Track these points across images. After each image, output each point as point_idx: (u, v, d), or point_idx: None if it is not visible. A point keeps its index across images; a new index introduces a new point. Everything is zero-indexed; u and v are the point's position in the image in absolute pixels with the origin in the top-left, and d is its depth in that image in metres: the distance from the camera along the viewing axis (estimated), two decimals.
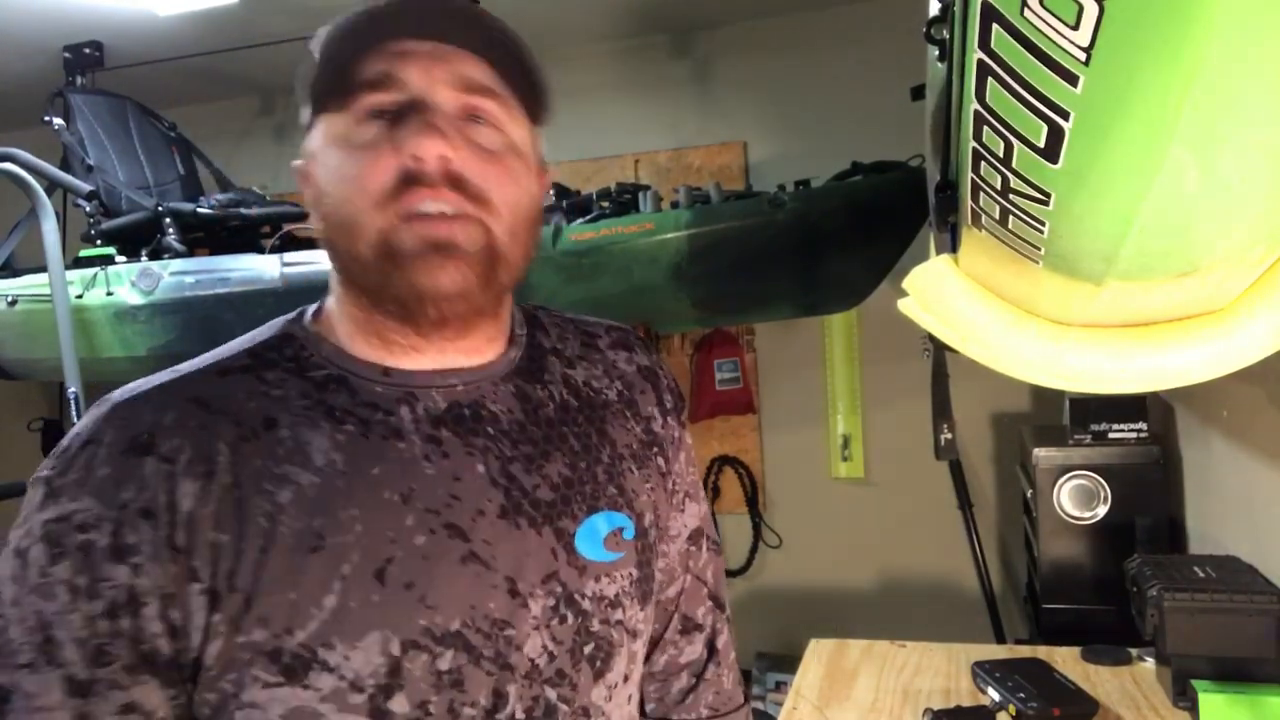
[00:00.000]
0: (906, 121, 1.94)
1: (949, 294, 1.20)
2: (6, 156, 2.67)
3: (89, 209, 2.81)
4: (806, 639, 1.81)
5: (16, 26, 2.85)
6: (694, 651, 0.91)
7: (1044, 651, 1.66)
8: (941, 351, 2.06)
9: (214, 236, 2.88)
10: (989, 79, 0.73)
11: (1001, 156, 0.80)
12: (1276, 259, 0.91)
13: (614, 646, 0.75)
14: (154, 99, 3.20)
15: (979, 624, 2.83)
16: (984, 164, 0.85)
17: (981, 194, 0.92)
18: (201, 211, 2.81)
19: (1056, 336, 1.07)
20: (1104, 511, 1.98)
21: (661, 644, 0.90)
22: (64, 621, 0.61)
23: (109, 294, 2.71)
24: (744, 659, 3.15)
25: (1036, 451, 2.03)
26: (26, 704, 0.61)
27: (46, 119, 2.88)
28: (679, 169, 3.34)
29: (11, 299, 2.82)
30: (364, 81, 0.67)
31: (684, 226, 2.42)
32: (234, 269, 2.67)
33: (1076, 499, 2.00)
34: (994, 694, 1.47)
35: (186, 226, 2.81)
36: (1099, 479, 1.98)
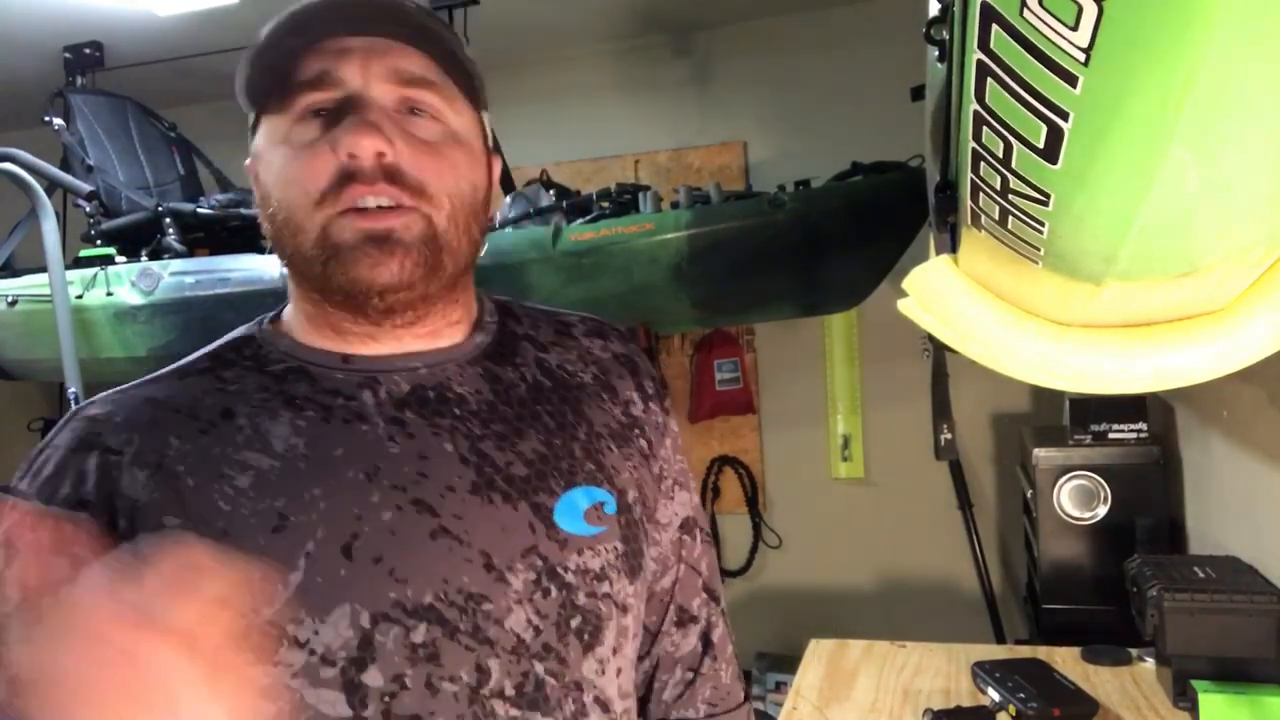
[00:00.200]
0: (906, 122, 1.94)
1: (949, 294, 1.20)
2: (6, 156, 2.67)
3: (89, 209, 2.80)
4: (806, 639, 1.81)
5: (16, 26, 2.85)
6: (689, 644, 0.90)
7: (1044, 651, 1.66)
8: (941, 351, 2.06)
9: (214, 236, 2.88)
10: (988, 79, 0.73)
11: (1001, 157, 0.80)
12: (1276, 259, 0.91)
13: (602, 619, 0.74)
14: (154, 99, 3.20)
15: (979, 624, 2.83)
16: (983, 164, 0.85)
17: (981, 194, 0.92)
18: (201, 211, 2.81)
19: (1056, 336, 1.07)
20: (1104, 512, 1.98)
21: (657, 637, 0.89)
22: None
23: (109, 294, 2.71)
24: (744, 659, 3.14)
25: (1036, 452, 2.03)
26: None
27: (46, 119, 2.88)
28: (679, 169, 3.34)
29: (11, 299, 2.82)
30: (302, 81, 0.68)
31: (684, 227, 2.42)
32: (234, 269, 2.67)
33: (1076, 499, 2.00)
34: (994, 694, 1.47)
35: (186, 227, 2.81)
36: (1099, 479, 1.98)
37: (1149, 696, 1.48)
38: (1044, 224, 0.84)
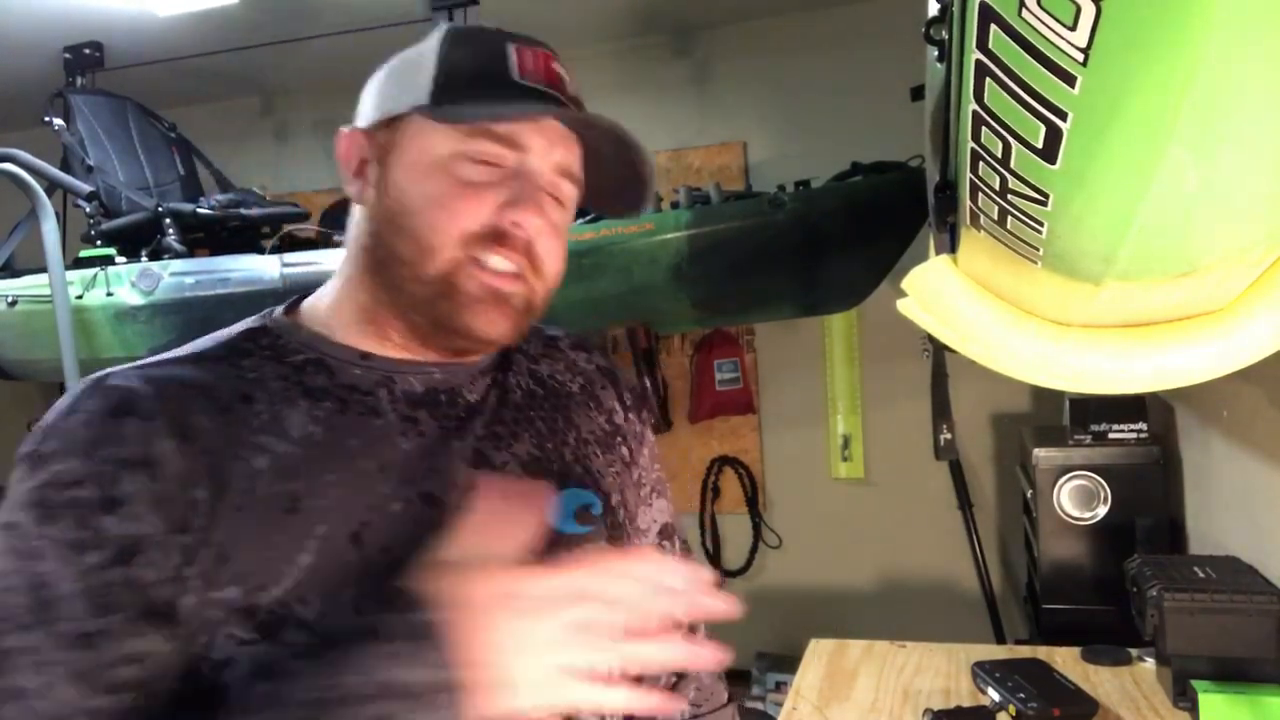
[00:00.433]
0: (906, 122, 1.94)
1: (948, 294, 1.20)
2: (6, 157, 2.67)
3: (89, 209, 2.81)
4: (806, 639, 1.80)
5: (16, 26, 2.85)
6: None
7: (1044, 651, 1.66)
8: (941, 352, 2.06)
9: (214, 237, 2.88)
10: (987, 79, 0.73)
11: (1000, 157, 0.80)
12: (1276, 259, 0.90)
13: None
14: (154, 99, 3.20)
15: (979, 624, 2.83)
16: (982, 164, 0.85)
17: (980, 194, 0.92)
18: (201, 212, 2.81)
19: (1056, 336, 1.07)
20: (1104, 512, 1.98)
21: None
22: (59, 577, 0.62)
23: (109, 294, 2.71)
24: (744, 659, 3.15)
25: (1036, 452, 2.03)
26: (28, 660, 0.61)
27: (46, 119, 2.88)
28: (679, 169, 3.34)
29: (11, 299, 2.82)
30: (493, 131, 0.73)
31: (684, 227, 2.42)
32: (234, 269, 2.67)
33: (1076, 499, 1.99)
34: (994, 694, 1.46)
35: (186, 227, 2.81)
36: (1099, 479, 1.98)
37: (1149, 696, 1.48)
38: (1043, 224, 0.84)
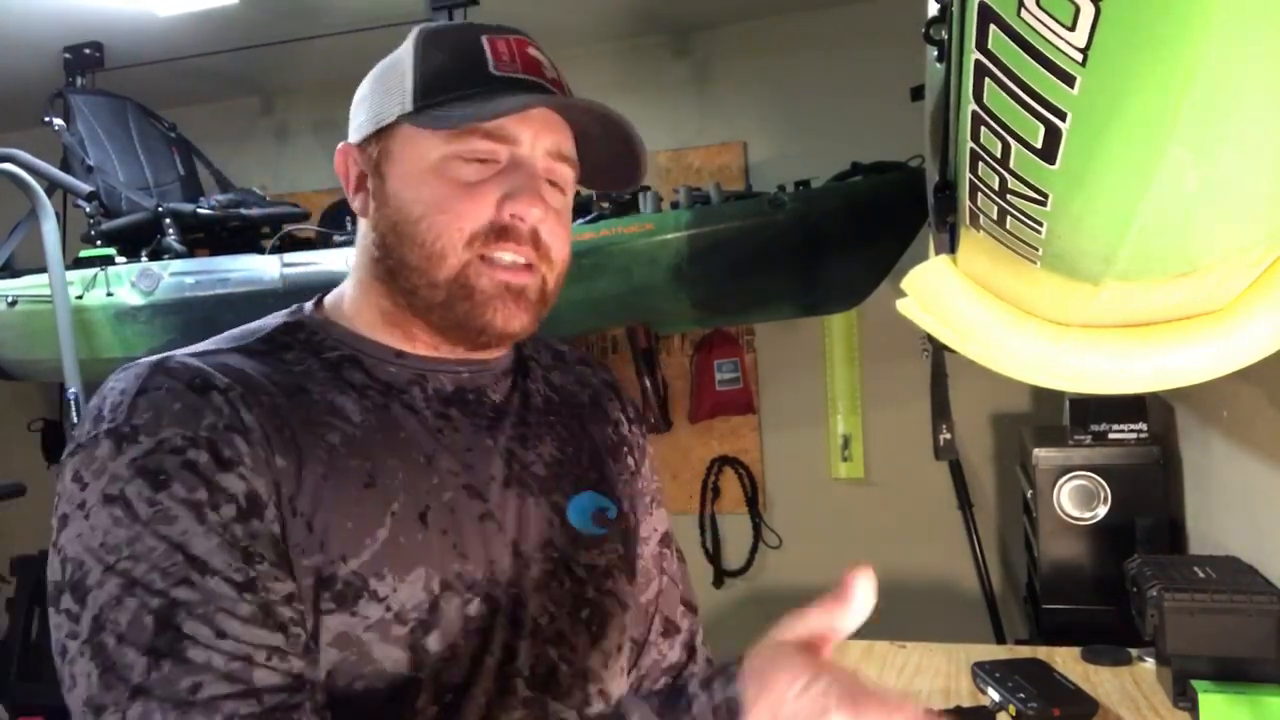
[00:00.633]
0: (906, 122, 1.94)
1: (948, 294, 1.20)
2: (6, 157, 2.67)
3: (89, 209, 2.80)
4: None
5: (16, 26, 2.85)
6: (675, 655, 0.96)
7: (1044, 651, 1.66)
8: (941, 352, 2.06)
9: (214, 237, 2.88)
10: (986, 79, 0.73)
11: (999, 157, 0.80)
12: (1276, 259, 0.90)
13: (608, 615, 0.80)
14: (154, 99, 3.20)
15: (979, 624, 2.82)
16: (982, 165, 0.85)
17: (980, 194, 0.92)
18: (201, 212, 2.80)
19: (1055, 337, 1.07)
20: (1104, 512, 1.98)
21: (645, 648, 0.94)
22: (197, 534, 0.62)
23: (109, 294, 2.71)
24: None
25: (1036, 452, 2.03)
26: (202, 610, 0.60)
27: (46, 119, 2.88)
28: (679, 169, 3.34)
29: (11, 299, 2.82)
30: (481, 128, 0.73)
31: (684, 227, 2.42)
32: (234, 270, 2.67)
33: (1076, 499, 1.99)
34: (994, 694, 1.46)
35: (186, 227, 2.81)
36: (1099, 479, 1.98)
37: (1149, 696, 1.48)
38: (1042, 224, 0.84)
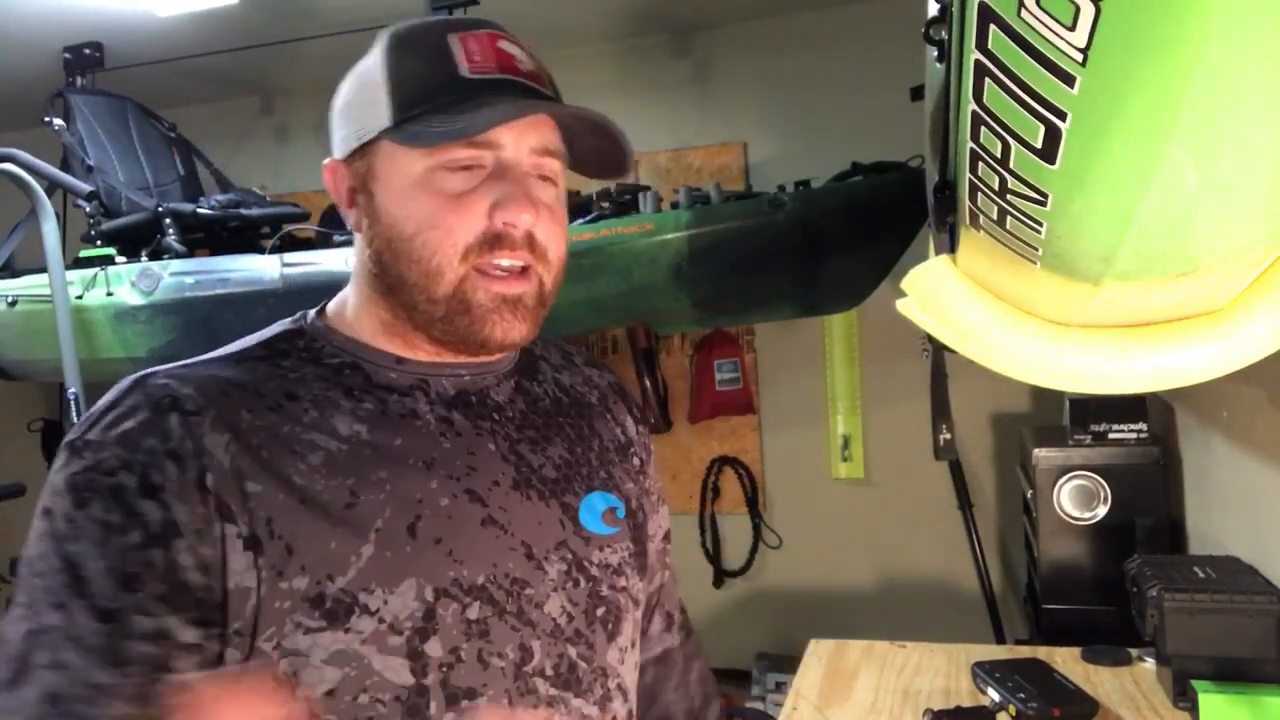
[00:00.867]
0: (906, 122, 1.94)
1: (948, 294, 1.20)
2: (6, 157, 2.67)
3: (89, 209, 2.80)
4: (806, 639, 1.81)
5: (16, 26, 2.85)
6: (670, 640, 1.01)
7: (1044, 651, 1.66)
8: (940, 352, 2.06)
9: (214, 237, 2.88)
10: (986, 80, 0.73)
11: (999, 157, 0.80)
12: (1276, 259, 0.90)
13: (622, 611, 0.82)
14: (154, 99, 3.20)
15: (979, 624, 2.82)
16: (982, 165, 0.85)
17: (979, 194, 0.92)
18: (201, 212, 2.81)
19: (1055, 337, 1.07)
20: (1104, 512, 1.98)
21: (648, 641, 0.97)
22: (92, 556, 0.64)
23: (109, 294, 2.71)
24: (744, 659, 3.15)
25: (1036, 452, 2.03)
26: (58, 636, 0.63)
27: (46, 119, 2.88)
28: (679, 169, 3.34)
29: (11, 299, 2.82)
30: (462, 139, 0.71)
31: (684, 227, 2.42)
32: (234, 269, 2.66)
33: (1076, 499, 1.99)
34: (994, 694, 1.46)
35: (186, 227, 2.81)
36: (1099, 479, 1.98)
37: (1149, 696, 1.48)
38: (1042, 224, 0.84)
